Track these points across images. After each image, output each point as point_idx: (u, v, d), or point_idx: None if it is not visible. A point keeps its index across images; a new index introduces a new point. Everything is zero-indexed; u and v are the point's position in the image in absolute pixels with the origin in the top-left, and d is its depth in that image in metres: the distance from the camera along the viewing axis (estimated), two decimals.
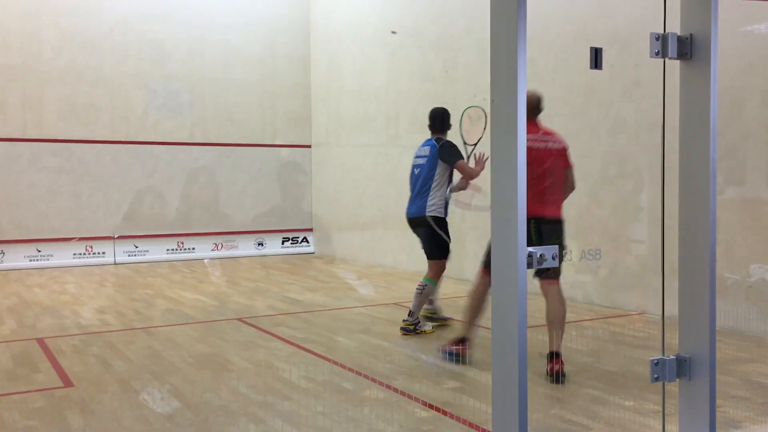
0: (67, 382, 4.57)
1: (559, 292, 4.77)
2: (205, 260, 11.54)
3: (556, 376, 4.49)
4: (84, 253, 11.15)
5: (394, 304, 7.50)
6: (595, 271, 7.35)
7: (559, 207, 4.81)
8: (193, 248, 11.85)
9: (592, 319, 6.63)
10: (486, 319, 6.56)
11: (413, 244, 10.30)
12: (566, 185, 4.93)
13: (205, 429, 3.69)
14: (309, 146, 12.78)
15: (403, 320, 5.99)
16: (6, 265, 10.54)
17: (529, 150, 4.57)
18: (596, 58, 2.30)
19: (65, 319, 6.74)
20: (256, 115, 12.31)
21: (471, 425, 3.72)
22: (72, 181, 11.12)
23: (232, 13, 12.22)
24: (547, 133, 4.84)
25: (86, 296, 8.16)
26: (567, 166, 4.91)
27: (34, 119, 10.86)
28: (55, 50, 10.96)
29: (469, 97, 9.07)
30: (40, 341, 5.77)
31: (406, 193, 6.41)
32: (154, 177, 11.67)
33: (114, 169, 11.40)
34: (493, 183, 1.93)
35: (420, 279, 6.13)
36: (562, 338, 4.68)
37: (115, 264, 11.25)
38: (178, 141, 11.82)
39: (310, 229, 12.87)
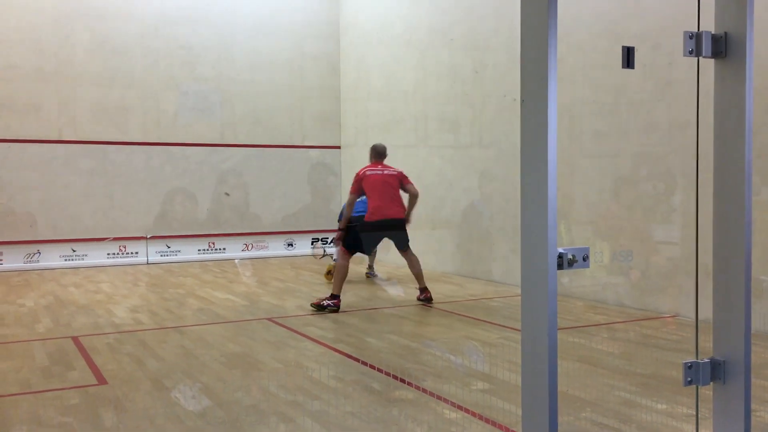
0: (101, 380, 4.65)
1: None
2: (236, 260, 11.65)
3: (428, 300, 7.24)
4: (117, 253, 11.33)
5: (422, 304, 7.49)
6: (626, 273, 7.27)
7: (402, 210, 7.56)
8: (224, 248, 11.97)
9: (623, 322, 6.56)
10: (511, 319, 6.53)
11: (442, 244, 10.30)
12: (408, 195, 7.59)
13: (236, 427, 3.73)
14: (338, 147, 12.83)
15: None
16: (42, 264, 10.76)
17: (376, 177, 7.41)
18: (628, 56, 2.28)
19: (99, 317, 6.86)
20: (285, 116, 12.39)
21: (500, 427, 3.70)
22: (105, 182, 11.30)
23: (261, 16, 12.32)
24: (385, 167, 7.59)
25: (120, 295, 8.29)
26: (406, 183, 7.56)
27: (68, 122, 11.07)
28: (89, 54, 11.16)
29: (498, 97, 9.04)
30: (75, 339, 5.88)
31: (434, 194, 6.40)
32: (185, 178, 11.82)
33: (146, 170, 11.57)
34: (522, 184, 1.92)
35: (447, 279, 6.11)
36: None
37: (147, 264, 11.41)
38: (208, 142, 11.95)
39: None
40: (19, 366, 5.03)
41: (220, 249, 11.96)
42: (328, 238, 12.82)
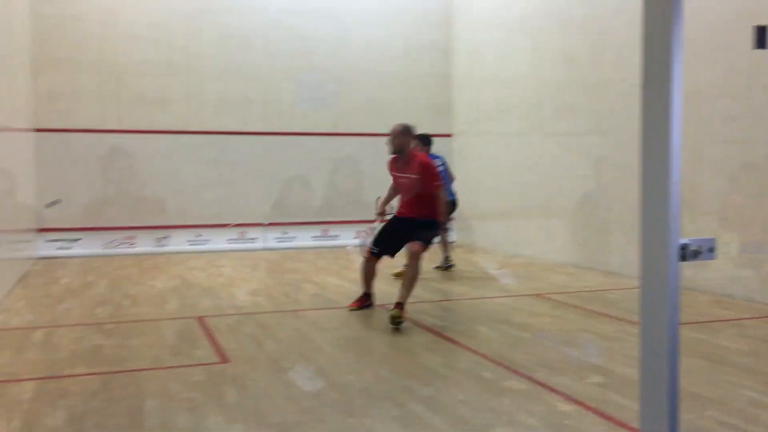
0: (224, 359, 4.89)
1: (420, 259, 6.11)
2: (349, 247, 11.90)
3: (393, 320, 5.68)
4: (238, 239, 11.86)
5: (535, 295, 7.37)
6: (757, 266, 6.82)
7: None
8: (337, 235, 12.25)
9: (753, 318, 6.17)
10: (630, 312, 6.30)
11: (556, 234, 10.07)
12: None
13: (350, 409, 3.83)
14: (450, 135, 12.79)
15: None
16: (170, 248, 11.43)
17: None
18: (760, 37, 2.13)
19: (222, 300, 7.22)
20: (398, 104, 12.48)
21: (616, 422, 3.60)
22: (228, 170, 11.84)
23: (375, 6, 12.45)
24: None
25: (240, 279, 8.68)
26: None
27: (194, 113, 11.67)
28: (214, 48, 11.70)
29: (617, 82, 8.69)
30: (200, 320, 6.22)
31: (549, 182, 6.26)
32: (302, 166, 12.17)
33: (265, 158, 12.01)
34: (643, 173, 1.85)
35: (561, 269, 5.97)
36: (408, 295, 6.00)
37: (265, 249, 11.87)
38: (323, 131, 12.24)
39: (452, 219, 12.89)
40: (150, 342, 5.39)
41: (333, 236, 12.25)
42: None
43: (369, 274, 6.57)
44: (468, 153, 12.40)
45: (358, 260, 6.46)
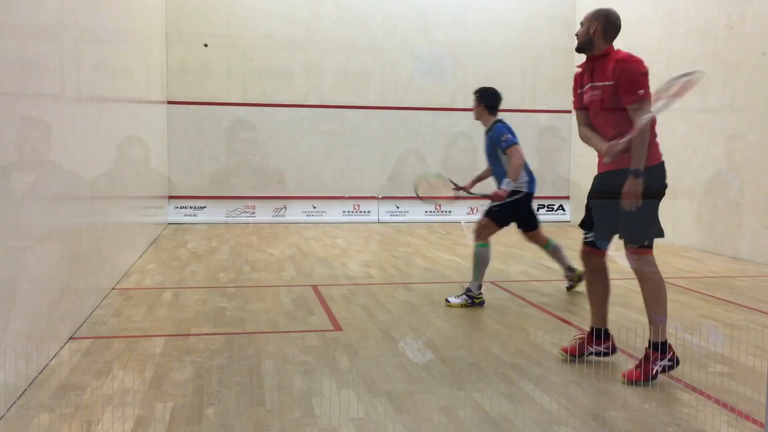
0: (337, 327, 5.04)
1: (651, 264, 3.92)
2: (462, 222, 11.86)
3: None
4: (351, 211, 12.09)
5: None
6: None
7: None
8: (449, 211, 12.23)
9: None
10: (760, 302, 5.91)
11: (680, 216, 9.57)
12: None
13: (458, 382, 3.85)
14: (570, 111, 12.39)
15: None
16: (287, 219, 11.83)
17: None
18: None
19: (335, 270, 7.41)
20: (516, 79, 12.21)
21: (739, 413, 3.41)
22: (344, 144, 12.06)
23: None
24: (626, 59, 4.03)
25: (353, 250, 8.87)
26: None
27: (314, 87, 11.94)
28: (334, 22, 11.88)
29: (757, 55, 8.10)
30: (315, 288, 6.42)
31: (673, 161, 5.95)
32: (417, 141, 12.20)
33: (380, 133, 12.13)
34: None
35: (685, 253, 5.68)
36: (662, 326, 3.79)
37: (378, 222, 12.04)
38: (439, 106, 12.19)
39: (567, 197, 12.56)
40: (269, 307, 5.63)
41: (445, 212, 12.24)
42: (554, 205, 12.54)
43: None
44: None
45: (470, 235, 6.40)
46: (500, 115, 6.13)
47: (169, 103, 11.40)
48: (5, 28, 3.53)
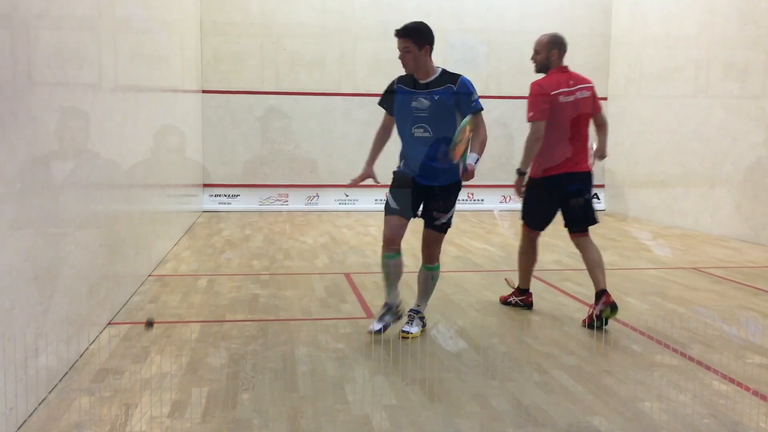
0: (369, 314, 5.06)
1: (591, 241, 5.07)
2: (495, 211, 11.79)
3: (613, 306, 4.61)
4: (383, 200, 12.05)
5: (693, 268, 6.95)
6: None
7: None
8: (482, 200, 12.17)
9: None
10: None
11: (719, 204, 9.39)
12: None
13: (491, 371, 3.84)
14: (605, 98, 12.20)
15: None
16: (320, 207, 11.89)
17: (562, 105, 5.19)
18: None
19: (368, 258, 7.43)
20: None
21: None
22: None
23: None
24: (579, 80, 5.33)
25: None
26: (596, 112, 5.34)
27: (347, 75, 11.94)
28: (366, 10, 11.85)
29: None
30: (347, 276, 6.45)
31: (713, 148, 5.82)
32: None
33: None
34: None
35: (723, 243, 5.58)
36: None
37: None
38: None
39: (602, 185, 12.39)
40: (302, 294, 5.67)
41: (478, 200, 12.18)
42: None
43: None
44: (624, 117, 11.79)
45: (503, 224, 6.35)
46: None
47: (204, 92, 11.51)
48: (45, 19, 3.60)
